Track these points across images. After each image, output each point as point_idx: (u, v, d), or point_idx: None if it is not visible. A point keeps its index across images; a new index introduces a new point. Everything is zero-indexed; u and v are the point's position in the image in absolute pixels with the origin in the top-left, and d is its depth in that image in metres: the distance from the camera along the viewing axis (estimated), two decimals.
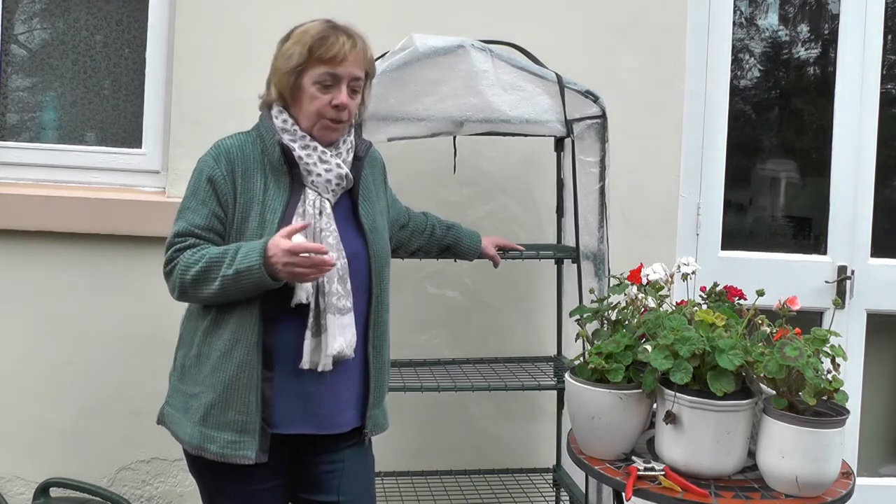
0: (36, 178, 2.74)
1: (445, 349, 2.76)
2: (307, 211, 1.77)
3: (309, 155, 1.78)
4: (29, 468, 2.64)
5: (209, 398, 1.74)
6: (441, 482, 2.63)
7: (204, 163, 1.80)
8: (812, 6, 3.08)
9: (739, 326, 1.82)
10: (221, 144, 1.82)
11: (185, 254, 1.74)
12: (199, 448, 1.75)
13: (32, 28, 2.88)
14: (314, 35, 1.77)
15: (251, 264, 1.66)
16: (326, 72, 1.77)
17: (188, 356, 1.80)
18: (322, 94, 1.77)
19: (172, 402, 1.84)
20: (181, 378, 1.81)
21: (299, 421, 1.78)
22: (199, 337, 1.77)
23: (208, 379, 1.74)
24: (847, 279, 2.94)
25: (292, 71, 1.77)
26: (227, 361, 1.73)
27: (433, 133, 2.31)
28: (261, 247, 1.67)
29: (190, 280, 1.71)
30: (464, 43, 2.28)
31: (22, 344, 2.64)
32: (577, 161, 2.42)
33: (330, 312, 1.74)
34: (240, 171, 1.77)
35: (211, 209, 1.76)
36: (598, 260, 2.37)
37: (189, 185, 1.81)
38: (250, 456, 1.73)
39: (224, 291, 1.69)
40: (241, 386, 1.72)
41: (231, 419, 1.73)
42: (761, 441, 1.72)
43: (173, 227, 1.79)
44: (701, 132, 2.92)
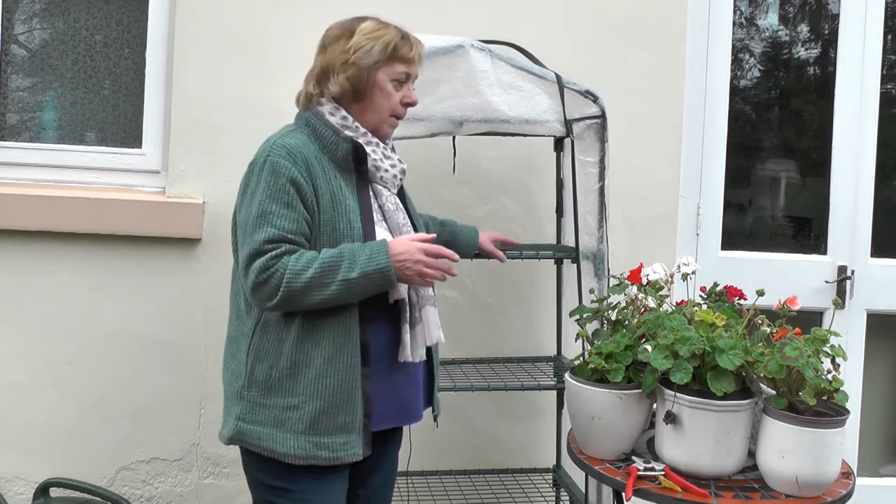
0: (36, 178, 2.74)
1: (445, 349, 2.75)
2: (387, 207, 1.79)
3: (374, 151, 1.80)
4: (29, 468, 2.64)
5: (315, 406, 1.70)
6: (441, 482, 2.63)
7: (277, 165, 1.70)
8: (812, 6, 3.08)
9: (739, 326, 1.82)
10: (288, 143, 1.74)
11: (286, 260, 1.66)
12: (309, 458, 1.71)
13: (32, 28, 2.88)
14: (394, 34, 1.80)
15: (381, 265, 1.65)
16: (404, 70, 1.81)
17: (276, 368, 1.72)
18: (395, 92, 1.80)
19: (253, 418, 1.74)
20: (266, 392, 1.73)
21: (392, 415, 1.82)
22: (288, 347, 1.71)
23: (311, 387, 1.70)
24: (847, 279, 2.94)
25: (370, 67, 1.77)
26: (334, 367, 1.70)
27: (433, 133, 2.31)
28: (385, 248, 1.67)
29: (301, 286, 1.64)
30: (463, 43, 2.28)
31: (22, 344, 2.64)
32: (577, 161, 2.42)
33: (428, 304, 1.80)
34: (316, 170, 1.73)
35: (300, 212, 1.69)
36: (597, 260, 2.37)
37: (261, 189, 1.70)
38: (359, 453, 1.74)
39: (340, 296, 1.66)
40: (348, 388, 1.71)
41: (341, 422, 1.72)
42: (761, 441, 1.72)
43: (255, 234, 1.68)
44: (701, 132, 2.91)
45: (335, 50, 1.79)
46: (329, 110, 1.79)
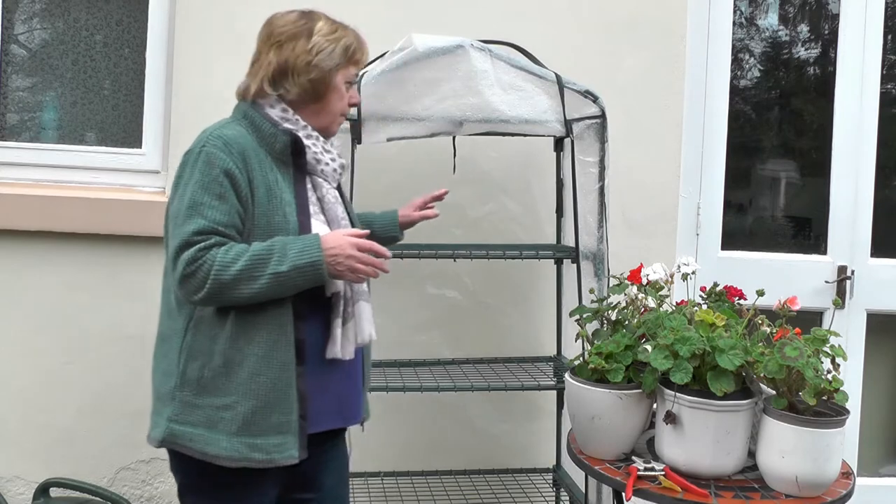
0: (36, 178, 2.74)
1: (445, 349, 2.75)
2: (327, 199, 1.77)
3: (314, 144, 1.78)
4: (29, 468, 2.64)
5: (249, 405, 1.65)
6: (441, 482, 2.62)
7: (212, 155, 1.66)
8: (812, 6, 3.08)
9: (739, 326, 1.82)
10: (224, 134, 1.70)
11: (214, 252, 1.61)
12: (242, 460, 1.66)
13: (32, 28, 2.88)
14: (352, 37, 1.80)
15: (313, 260, 1.62)
16: (355, 72, 1.82)
17: (209, 367, 1.67)
18: (346, 93, 1.81)
19: (185, 419, 1.69)
20: (199, 392, 1.67)
21: (332, 416, 1.77)
22: (221, 345, 1.66)
23: (245, 386, 1.65)
24: (847, 279, 2.94)
25: (332, 69, 1.76)
26: (269, 364, 1.66)
27: (432, 133, 2.31)
28: (318, 242, 1.64)
29: (229, 279, 1.60)
30: (463, 43, 2.28)
31: (22, 344, 2.64)
32: (577, 161, 2.42)
33: (361, 299, 1.76)
34: (252, 162, 1.69)
35: (231, 204, 1.65)
36: (597, 260, 2.37)
37: (194, 179, 1.66)
38: (294, 455, 1.69)
39: (270, 289, 1.62)
40: (283, 387, 1.67)
41: (275, 422, 1.67)
42: (761, 441, 1.72)
43: (185, 225, 1.64)
44: (701, 132, 2.91)
45: (296, 49, 1.75)
46: (269, 102, 1.77)
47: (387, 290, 2.70)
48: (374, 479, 2.61)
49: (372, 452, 2.69)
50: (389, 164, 2.67)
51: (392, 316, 2.71)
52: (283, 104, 1.77)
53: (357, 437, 2.62)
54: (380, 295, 2.68)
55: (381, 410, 2.70)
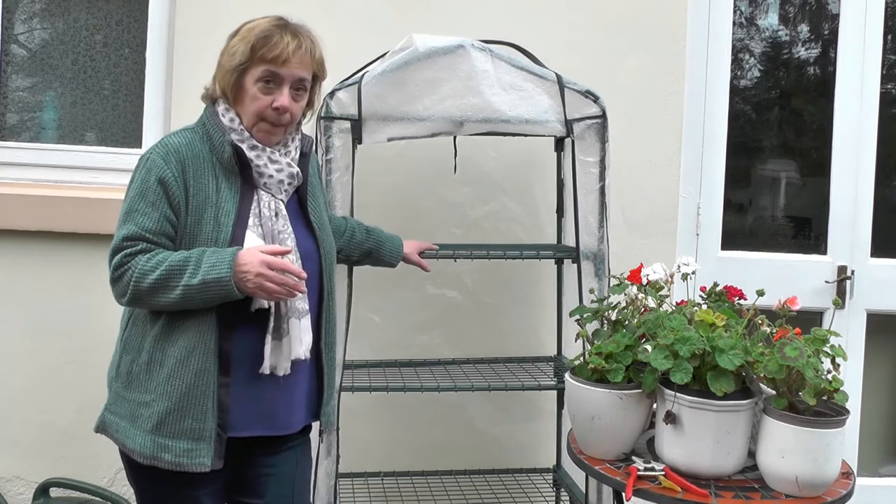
0: (36, 178, 2.74)
1: (445, 349, 2.75)
2: (263, 213, 1.73)
3: (259, 156, 1.74)
4: (29, 468, 2.64)
5: (163, 406, 1.67)
6: (441, 482, 2.62)
7: (152, 162, 1.70)
8: (812, 6, 3.08)
9: (739, 326, 1.82)
10: (169, 143, 1.74)
11: (137, 259, 1.66)
12: (152, 458, 1.68)
13: (32, 28, 2.88)
14: (258, 33, 1.73)
15: (220, 275, 1.61)
16: (268, 70, 1.73)
17: (136, 363, 1.71)
18: (263, 95, 1.73)
19: (115, 409, 1.76)
20: (127, 385, 1.73)
21: (255, 423, 1.75)
22: (149, 342, 1.70)
23: (162, 387, 1.67)
24: (847, 279, 2.94)
25: (235, 69, 1.74)
26: (184, 369, 1.67)
27: (433, 133, 2.30)
28: (230, 257, 1.62)
29: (147, 288, 1.64)
30: (464, 43, 2.28)
31: (22, 344, 2.64)
32: (577, 161, 2.42)
33: (293, 317, 1.72)
34: (191, 171, 1.70)
35: (162, 212, 1.68)
36: (598, 260, 2.37)
37: (134, 186, 1.72)
38: (206, 463, 1.68)
39: (184, 301, 1.63)
40: (198, 394, 1.67)
41: (187, 427, 1.67)
42: (761, 441, 1.72)
43: (119, 229, 1.70)
44: (701, 132, 2.92)
45: (222, 50, 1.79)
46: (222, 111, 1.77)
47: (387, 290, 2.70)
48: (374, 479, 2.61)
49: (372, 452, 2.70)
50: (390, 164, 2.67)
51: (392, 316, 2.72)
52: (232, 112, 1.77)
53: (357, 438, 2.63)
54: (380, 295, 2.69)
55: (382, 410, 2.71)
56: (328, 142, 2.23)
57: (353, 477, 2.60)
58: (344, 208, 2.26)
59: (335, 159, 2.23)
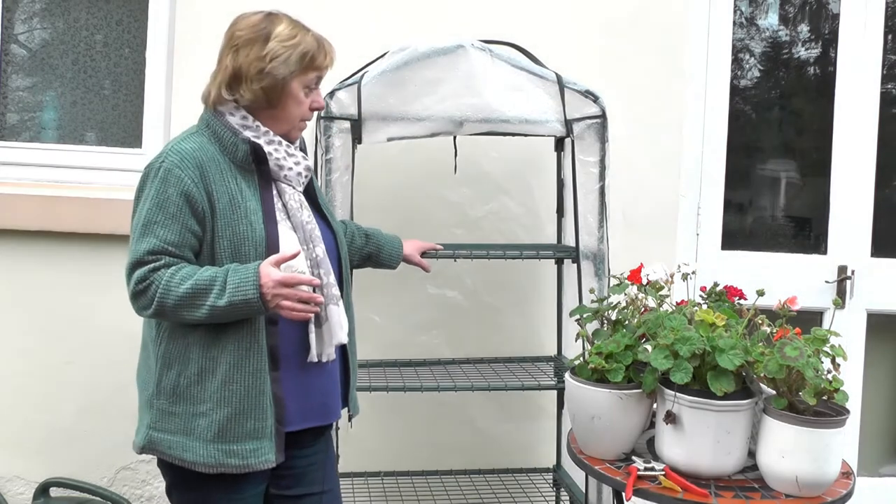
0: (36, 178, 2.74)
1: (445, 349, 2.76)
2: (290, 205, 1.74)
3: (276, 150, 1.75)
4: (29, 468, 2.65)
5: (224, 413, 1.67)
6: (441, 482, 2.62)
7: (168, 171, 1.66)
8: (812, 6, 3.08)
9: (739, 326, 1.82)
10: (182, 149, 1.70)
11: (162, 273, 1.63)
12: (218, 466, 1.67)
13: (32, 28, 2.88)
14: (310, 43, 1.74)
15: (247, 297, 1.60)
16: (317, 76, 1.77)
17: (184, 375, 1.68)
18: (306, 99, 1.77)
19: (163, 426, 1.71)
20: (174, 400, 1.69)
21: (311, 415, 1.79)
22: (195, 353, 1.68)
23: (218, 394, 1.67)
24: (847, 279, 2.94)
25: (287, 76, 1.72)
26: (240, 372, 1.67)
27: (433, 133, 2.30)
28: (255, 276, 1.60)
29: (172, 304, 1.62)
30: (463, 43, 2.28)
31: (22, 344, 2.64)
32: (577, 161, 2.42)
33: (331, 303, 1.75)
34: (210, 174, 1.68)
35: (184, 224, 1.66)
36: (598, 260, 2.37)
37: (149, 196, 1.67)
38: (271, 459, 1.70)
39: (211, 319, 1.63)
40: (256, 394, 1.68)
41: (250, 428, 1.68)
42: (761, 441, 1.72)
43: (139, 242, 1.65)
44: (701, 132, 2.91)
45: (249, 55, 1.71)
46: (229, 110, 1.75)
47: (387, 290, 2.70)
48: (374, 479, 2.61)
49: (372, 452, 2.70)
50: (389, 164, 2.67)
51: (392, 316, 2.72)
52: (242, 111, 1.75)
53: (357, 437, 2.63)
54: (380, 295, 2.69)
55: (382, 410, 2.70)
56: (328, 141, 2.23)
57: (353, 477, 2.60)
58: (344, 208, 2.26)
59: (335, 159, 2.24)
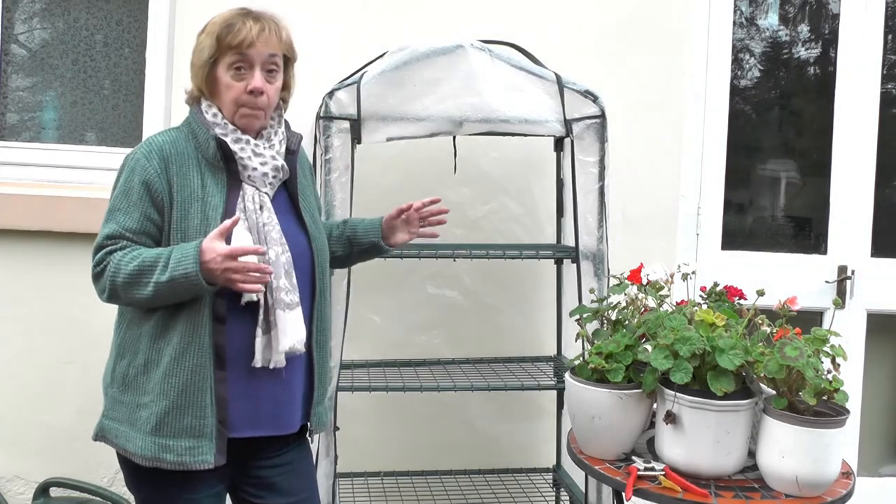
0: (36, 178, 2.74)
1: (445, 349, 2.75)
2: (247, 206, 1.73)
3: (242, 149, 1.75)
4: (29, 468, 2.64)
5: (162, 406, 1.67)
6: (441, 482, 2.62)
7: (135, 162, 1.73)
8: (812, 6, 3.08)
9: (739, 326, 1.82)
10: (153, 142, 1.75)
11: (115, 255, 1.67)
12: (154, 459, 1.67)
13: (32, 28, 2.88)
14: (221, 23, 1.74)
15: (187, 271, 1.60)
16: (236, 56, 1.73)
17: (133, 365, 1.71)
18: (237, 82, 1.73)
19: (113, 414, 1.74)
20: (123, 389, 1.72)
21: (257, 423, 1.75)
22: (144, 343, 1.70)
23: (159, 386, 1.67)
24: (847, 279, 2.94)
25: (206, 63, 1.74)
26: (180, 366, 1.66)
27: (432, 133, 2.30)
28: (195, 251, 1.61)
29: (121, 283, 1.65)
30: (463, 43, 2.28)
31: (22, 344, 2.64)
32: (577, 161, 2.42)
33: (279, 308, 1.71)
34: (175, 167, 1.72)
35: (143, 212, 1.70)
36: (597, 260, 2.37)
37: (118, 184, 1.74)
38: (209, 460, 1.68)
39: (158, 297, 1.64)
40: (195, 390, 1.67)
41: (187, 425, 1.67)
42: (761, 441, 1.72)
43: (103, 227, 1.72)
44: (701, 132, 2.91)
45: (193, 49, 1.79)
46: (205, 107, 1.77)
47: (387, 290, 2.70)
48: (374, 479, 2.61)
49: (372, 452, 2.70)
50: (389, 164, 2.67)
51: (392, 316, 2.72)
52: (214, 108, 1.77)
53: (357, 437, 2.63)
54: (380, 295, 2.69)
55: (382, 410, 2.71)
56: (327, 142, 2.23)
57: (352, 477, 2.60)
58: (344, 208, 2.26)
59: (334, 159, 2.23)
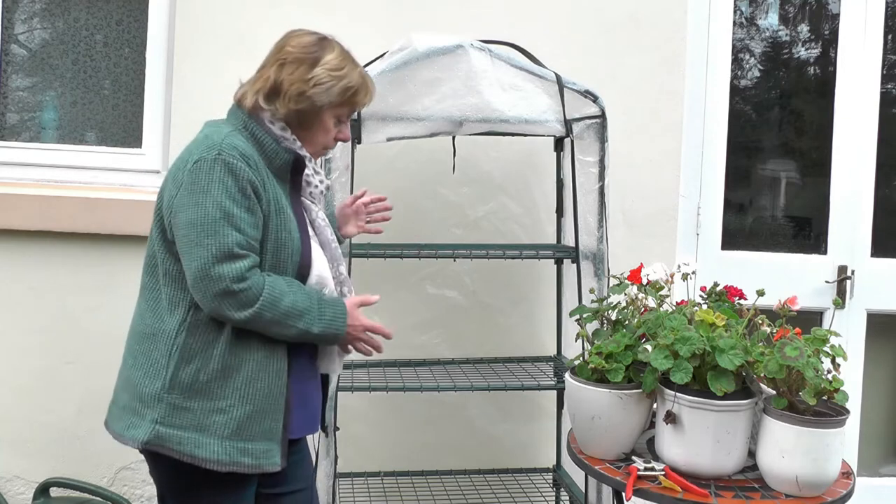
0: (36, 178, 2.74)
1: (445, 349, 2.75)
2: (317, 223, 1.80)
3: (307, 167, 1.79)
4: (29, 468, 2.64)
5: (244, 410, 1.67)
6: (441, 482, 2.62)
7: (233, 165, 1.63)
8: (812, 6, 3.08)
9: (739, 326, 1.82)
10: (237, 145, 1.66)
11: (261, 280, 1.63)
12: (231, 464, 1.66)
13: (32, 28, 2.88)
14: (356, 80, 1.76)
15: (338, 332, 1.72)
16: (349, 112, 1.81)
17: (205, 371, 1.66)
18: (334, 129, 1.80)
19: (174, 421, 1.67)
20: (190, 395, 1.67)
21: (305, 425, 1.82)
22: (220, 350, 1.66)
23: (241, 391, 1.67)
24: (847, 279, 2.94)
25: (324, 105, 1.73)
26: (265, 371, 1.69)
27: (432, 133, 2.31)
28: (345, 314, 1.73)
29: (270, 317, 1.64)
30: (463, 43, 2.28)
31: (22, 344, 2.64)
32: (577, 161, 2.42)
33: None
34: (263, 174, 1.68)
35: (258, 218, 1.66)
36: (597, 260, 2.37)
37: (217, 188, 1.61)
38: (278, 463, 1.72)
39: (293, 338, 1.69)
40: (277, 394, 1.70)
41: (266, 428, 1.70)
42: (761, 441, 1.72)
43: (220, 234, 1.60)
44: (701, 132, 2.92)
45: (294, 74, 1.72)
46: (269, 118, 1.74)
47: (387, 290, 2.70)
48: (374, 479, 2.61)
49: (372, 452, 2.70)
50: (389, 164, 2.67)
51: (392, 316, 2.71)
52: (281, 122, 1.75)
53: (357, 437, 2.63)
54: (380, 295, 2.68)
55: (382, 410, 2.71)
56: None
57: (353, 477, 2.60)
58: None
59: (334, 159, 2.24)
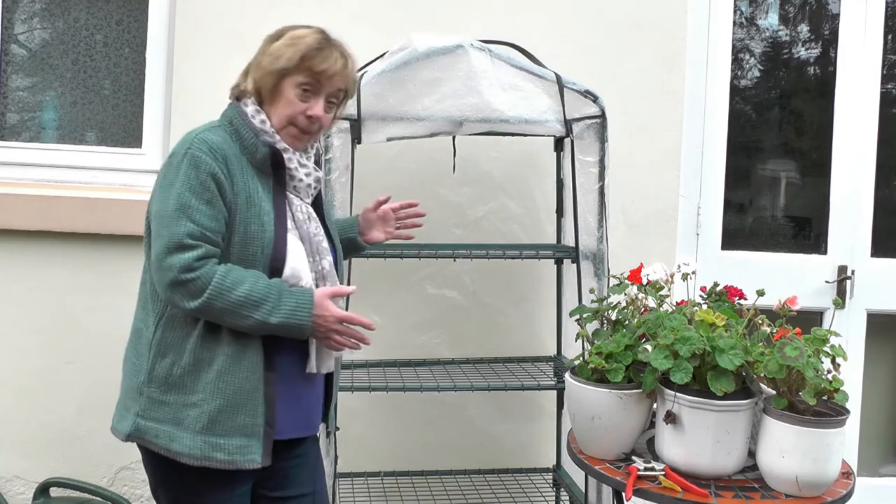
0: (36, 178, 2.74)
1: (445, 349, 2.75)
2: (297, 216, 1.76)
3: (290, 159, 1.76)
4: (29, 468, 2.64)
5: (216, 404, 1.66)
6: (441, 482, 2.62)
7: (197, 158, 1.66)
8: (812, 6, 3.08)
9: (739, 326, 1.82)
10: (209, 139, 1.70)
11: (212, 269, 1.63)
12: (203, 458, 1.66)
13: (32, 28, 2.88)
14: (310, 44, 1.74)
15: (301, 323, 1.65)
16: (310, 79, 1.74)
17: (178, 365, 1.68)
18: (300, 101, 1.75)
19: (152, 414, 1.70)
20: (166, 389, 1.69)
21: (297, 426, 1.79)
22: (192, 343, 1.68)
23: (212, 385, 1.66)
24: (847, 279, 2.94)
25: (277, 72, 1.74)
26: (237, 365, 1.67)
27: (432, 133, 2.31)
28: (310, 304, 1.66)
29: (221, 306, 1.62)
30: (463, 43, 2.28)
31: (22, 344, 2.64)
32: (577, 161, 2.42)
33: None
34: (234, 168, 1.69)
35: (219, 210, 1.66)
36: (597, 260, 2.37)
37: (180, 181, 1.66)
38: (257, 460, 1.69)
39: (251, 330, 1.65)
40: (250, 389, 1.68)
41: (239, 423, 1.68)
42: (761, 441, 1.72)
43: (174, 226, 1.63)
44: (701, 132, 2.92)
45: (260, 50, 1.78)
46: (251, 111, 1.76)
47: (387, 290, 2.70)
48: (374, 479, 2.61)
49: (372, 452, 2.70)
50: (390, 163, 2.67)
51: (392, 316, 2.72)
52: (262, 115, 1.75)
53: (357, 437, 2.63)
54: (380, 295, 2.69)
55: (382, 410, 2.71)
56: (327, 141, 2.23)
57: (353, 477, 2.60)
58: (343, 208, 2.26)
59: (334, 159, 2.24)
